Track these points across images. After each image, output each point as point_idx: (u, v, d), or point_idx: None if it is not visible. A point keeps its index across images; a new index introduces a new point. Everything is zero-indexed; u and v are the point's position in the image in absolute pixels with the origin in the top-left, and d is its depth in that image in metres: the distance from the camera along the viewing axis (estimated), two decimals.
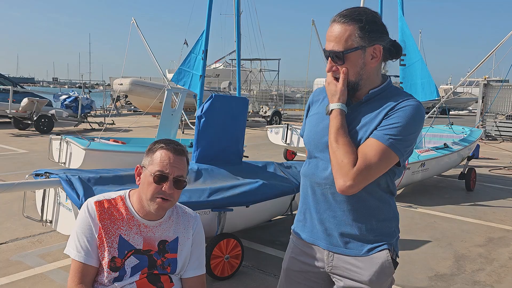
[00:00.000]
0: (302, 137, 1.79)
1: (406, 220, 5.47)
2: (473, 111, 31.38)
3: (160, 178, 1.71)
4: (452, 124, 8.93)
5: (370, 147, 1.48)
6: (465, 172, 7.27)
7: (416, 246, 4.59)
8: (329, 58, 1.56)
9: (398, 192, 6.84)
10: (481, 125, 14.36)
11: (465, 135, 8.27)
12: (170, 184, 1.72)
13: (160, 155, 1.74)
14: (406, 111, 1.50)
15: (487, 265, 4.14)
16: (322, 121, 1.65)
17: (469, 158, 7.67)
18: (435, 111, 7.33)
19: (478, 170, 8.18)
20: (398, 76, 6.47)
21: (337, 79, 1.58)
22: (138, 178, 1.79)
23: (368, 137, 1.52)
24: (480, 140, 12.46)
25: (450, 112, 28.18)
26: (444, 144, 7.25)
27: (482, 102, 15.35)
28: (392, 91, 1.60)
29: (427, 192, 7.11)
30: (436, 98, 6.58)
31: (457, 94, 29.16)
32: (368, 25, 1.51)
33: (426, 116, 7.47)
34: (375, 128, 1.52)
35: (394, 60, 1.63)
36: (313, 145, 1.67)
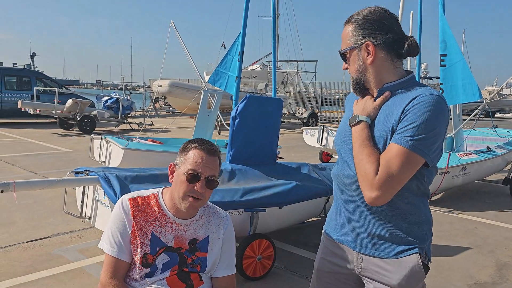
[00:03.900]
0: None
1: (445, 226, 5.30)
2: None
3: (192, 177, 1.73)
4: (496, 127, 8.57)
5: (391, 153, 1.44)
6: (510, 177, 6.96)
7: (456, 252, 4.44)
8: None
9: (437, 196, 6.63)
10: None
11: (510, 139, 7.92)
12: (202, 183, 1.74)
13: (193, 154, 1.76)
14: (422, 107, 1.44)
15: None
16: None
17: None
18: (477, 113, 7.06)
19: None
20: (438, 77, 6.29)
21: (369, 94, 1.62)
22: (171, 175, 1.83)
23: (389, 141, 1.49)
24: None
25: (496, 115, 27.05)
26: (487, 147, 6.98)
27: None
28: (408, 86, 1.56)
29: (468, 197, 6.86)
30: (479, 100, 6.34)
31: (503, 96, 27.95)
32: (361, 22, 1.56)
33: (468, 118, 7.25)
34: (394, 129, 1.48)
35: (404, 58, 1.59)
36: (341, 145, 1.66)
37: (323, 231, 1.82)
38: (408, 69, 1.63)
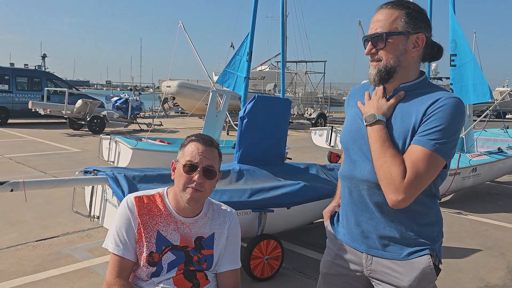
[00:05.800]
0: None
1: (455, 227, 5.24)
2: None
3: (189, 168, 1.75)
4: (507, 128, 8.48)
5: (416, 155, 1.42)
6: None
7: (466, 254, 4.39)
8: (370, 42, 1.53)
9: (447, 197, 6.57)
10: None
11: None
12: (199, 173, 1.75)
13: (190, 147, 1.80)
14: (446, 110, 1.43)
15: None
16: (356, 121, 1.62)
17: None
18: (488, 113, 6.99)
19: None
20: (448, 78, 6.23)
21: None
22: (173, 173, 1.84)
23: (409, 143, 1.46)
24: None
25: (507, 116, 26.74)
26: (498, 148, 6.90)
27: None
28: (423, 87, 1.54)
29: (479, 198, 6.78)
30: (490, 100, 6.27)
31: None
32: (415, 12, 1.51)
33: (478, 119, 7.17)
34: (415, 129, 1.46)
35: (431, 62, 1.58)
36: (350, 143, 1.63)
37: (328, 232, 1.79)
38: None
